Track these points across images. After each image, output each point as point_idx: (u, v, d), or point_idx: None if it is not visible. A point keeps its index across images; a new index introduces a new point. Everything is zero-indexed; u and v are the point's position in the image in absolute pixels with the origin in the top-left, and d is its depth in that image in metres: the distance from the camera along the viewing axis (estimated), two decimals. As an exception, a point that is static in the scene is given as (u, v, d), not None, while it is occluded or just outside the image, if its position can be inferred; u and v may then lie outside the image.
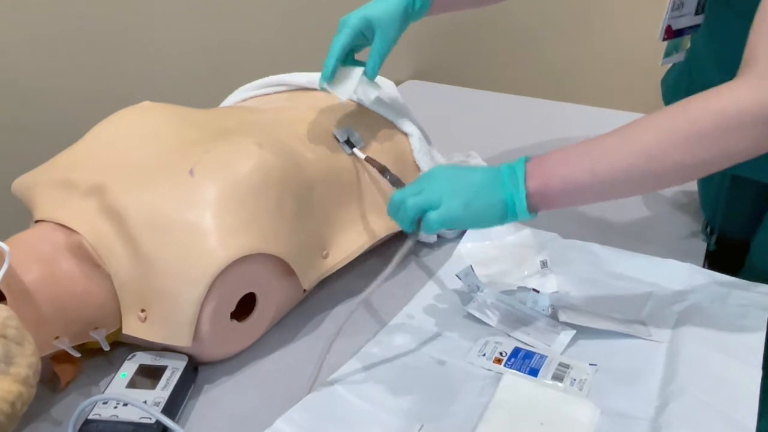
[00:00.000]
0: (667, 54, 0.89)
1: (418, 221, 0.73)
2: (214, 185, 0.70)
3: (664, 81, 1.09)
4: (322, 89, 0.84)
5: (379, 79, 0.89)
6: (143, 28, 1.12)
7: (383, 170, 0.85)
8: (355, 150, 0.85)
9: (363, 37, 0.82)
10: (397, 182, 0.84)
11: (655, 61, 0.94)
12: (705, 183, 1.04)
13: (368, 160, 0.85)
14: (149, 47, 1.13)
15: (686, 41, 0.89)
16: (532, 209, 0.70)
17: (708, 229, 0.99)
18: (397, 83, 0.97)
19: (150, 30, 1.13)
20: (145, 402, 0.64)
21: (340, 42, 0.81)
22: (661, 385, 0.69)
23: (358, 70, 0.84)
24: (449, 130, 1.25)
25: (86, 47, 1.04)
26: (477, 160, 1.17)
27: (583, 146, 0.69)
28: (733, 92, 0.64)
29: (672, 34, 0.85)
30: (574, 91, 2.37)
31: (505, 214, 0.70)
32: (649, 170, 0.66)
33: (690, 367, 0.70)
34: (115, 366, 0.71)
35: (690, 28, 0.87)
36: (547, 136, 1.32)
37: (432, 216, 0.70)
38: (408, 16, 0.84)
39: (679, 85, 0.98)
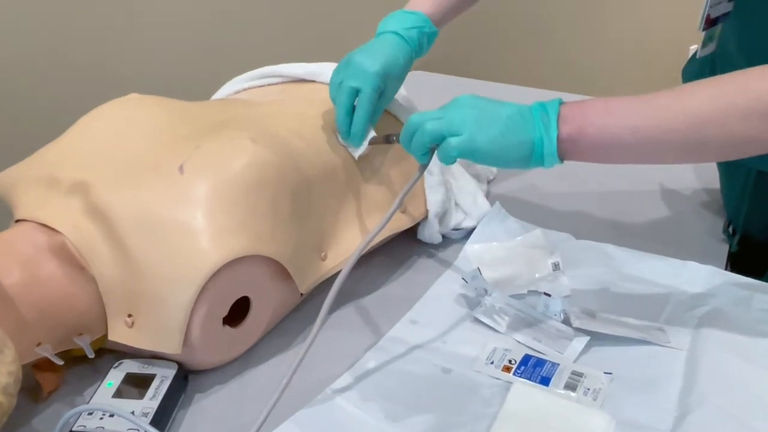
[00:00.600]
0: (704, 44, 0.89)
1: (431, 150, 0.71)
2: (205, 183, 0.69)
3: (685, 72, 1.08)
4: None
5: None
6: (130, 14, 1.11)
7: (389, 138, 0.83)
8: None
9: None
10: None
11: (672, 50, 0.94)
12: (728, 180, 1.03)
13: (371, 141, 0.84)
14: (136, 35, 1.12)
15: (718, 30, 0.89)
16: (560, 156, 0.69)
17: (730, 229, 0.99)
18: (401, 75, 0.97)
19: (137, 17, 1.12)
20: (132, 413, 0.63)
21: (366, 110, 0.80)
22: (681, 394, 0.68)
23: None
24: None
25: (70, 35, 1.03)
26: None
27: (628, 99, 0.68)
28: None
29: (710, 23, 0.85)
30: (586, 83, 2.37)
31: (530, 156, 0.69)
32: (698, 138, 0.65)
33: (711, 375, 0.69)
34: (100, 374, 0.70)
35: (724, 15, 0.87)
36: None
37: (452, 142, 0.69)
38: (413, 60, 0.85)
39: (702, 76, 0.98)
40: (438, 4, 0.86)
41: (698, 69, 1.01)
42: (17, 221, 0.72)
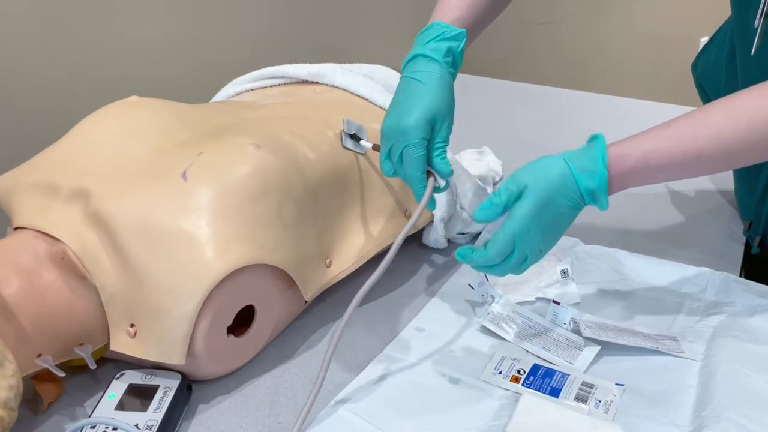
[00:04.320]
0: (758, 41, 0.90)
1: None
2: (208, 190, 0.70)
3: (695, 66, 1.09)
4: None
5: (386, 70, 0.88)
6: (128, 14, 1.11)
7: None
8: (363, 142, 0.85)
9: None
10: None
11: (682, 42, 0.94)
12: (746, 181, 1.02)
13: (376, 147, 0.84)
14: (136, 36, 1.12)
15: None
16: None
17: (751, 231, 0.98)
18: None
19: (135, 17, 1.12)
20: (137, 426, 0.64)
21: (414, 167, 0.75)
22: (695, 408, 0.69)
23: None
24: (459, 122, 1.24)
25: (67, 35, 1.03)
26: (490, 156, 1.17)
27: (665, 152, 0.70)
28: None
29: (763, 18, 0.86)
30: (595, 75, 2.37)
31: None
32: (727, 162, 0.72)
33: (727, 388, 0.70)
34: (101, 385, 0.71)
35: None
36: (563, 128, 1.32)
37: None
38: (454, 74, 0.82)
39: (718, 68, 0.98)
40: (461, 9, 0.82)
41: (711, 64, 1.01)
42: (15, 229, 0.72)
